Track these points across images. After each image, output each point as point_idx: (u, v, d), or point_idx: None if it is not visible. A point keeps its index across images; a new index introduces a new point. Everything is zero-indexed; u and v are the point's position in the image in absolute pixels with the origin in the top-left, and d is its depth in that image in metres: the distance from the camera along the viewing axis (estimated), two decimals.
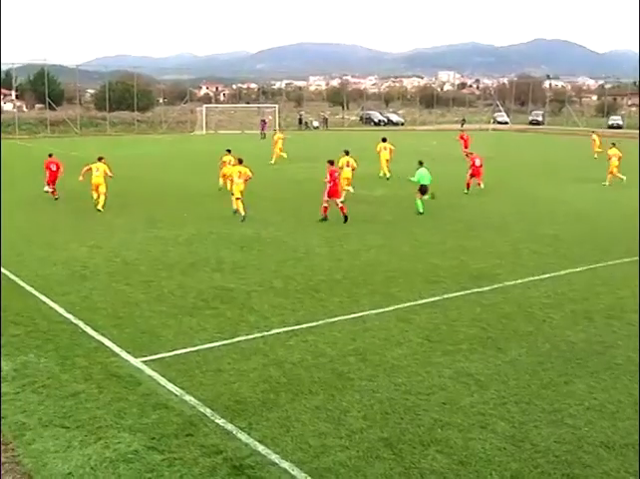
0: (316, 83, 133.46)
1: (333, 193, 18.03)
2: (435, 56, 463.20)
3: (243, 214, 17.89)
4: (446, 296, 11.43)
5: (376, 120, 77.82)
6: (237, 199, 18.23)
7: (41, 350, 8.95)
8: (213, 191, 23.22)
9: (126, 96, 69.45)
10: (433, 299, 11.25)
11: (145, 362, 8.51)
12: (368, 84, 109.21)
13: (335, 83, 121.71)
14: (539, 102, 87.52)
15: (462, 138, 37.94)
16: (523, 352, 9.00)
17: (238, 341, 9.21)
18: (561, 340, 9.46)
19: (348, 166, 21.72)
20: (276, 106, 71.45)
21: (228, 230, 16.73)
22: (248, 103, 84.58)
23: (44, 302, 10.98)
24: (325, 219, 18.02)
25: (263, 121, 59.17)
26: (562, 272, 13.12)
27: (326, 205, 18.09)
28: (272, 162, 32.91)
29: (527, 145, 50.57)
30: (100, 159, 20.54)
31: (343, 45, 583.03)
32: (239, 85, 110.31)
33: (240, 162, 18.59)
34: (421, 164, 19.80)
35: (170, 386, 7.82)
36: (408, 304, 10.95)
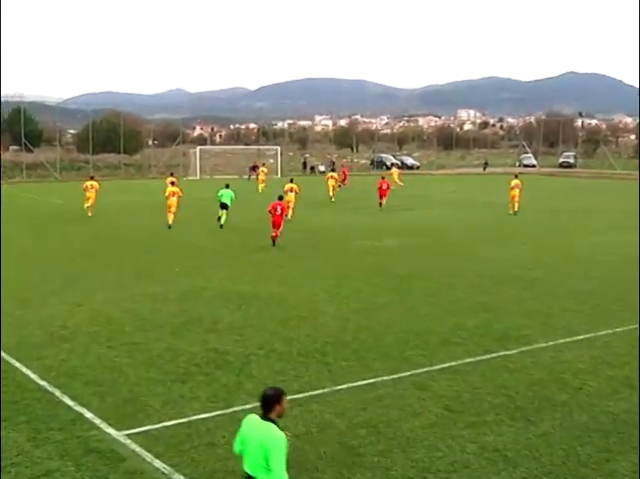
0: (322, 122, 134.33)
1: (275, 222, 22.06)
2: (453, 92, 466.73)
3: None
4: (467, 361, 11.17)
5: (388, 163, 77.98)
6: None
7: (11, 423, 8.79)
8: (207, 243, 23.35)
9: (111, 136, 69.80)
10: (453, 364, 11.02)
11: (129, 436, 8.36)
12: (379, 124, 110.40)
13: (343, 122, 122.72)
14: (571, 142, 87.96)
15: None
16: (557, 425, 8.82)
17: (234, 412, 9.00)
18: (600, 411, 9.28)
19: (292, 191, 28.92)
20: (278, 148, 71.55)
21: (224, 285, 16.59)
22: (247, 144, 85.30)
23: (16, 368, 10.82)
24: (274, 243, 21.95)
25: (254, 167, 59.69)
26: (599, 334, 12.89)
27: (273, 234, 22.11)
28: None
29: (558, 189, 50.54)
30: (92, 177, 31.00)
31: (352, 81, 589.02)
32: (237, 125, 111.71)
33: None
34: None
35: (158, 463, 7.66)
36: (425, 370, 10.74)
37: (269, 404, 5.58)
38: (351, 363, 11.03)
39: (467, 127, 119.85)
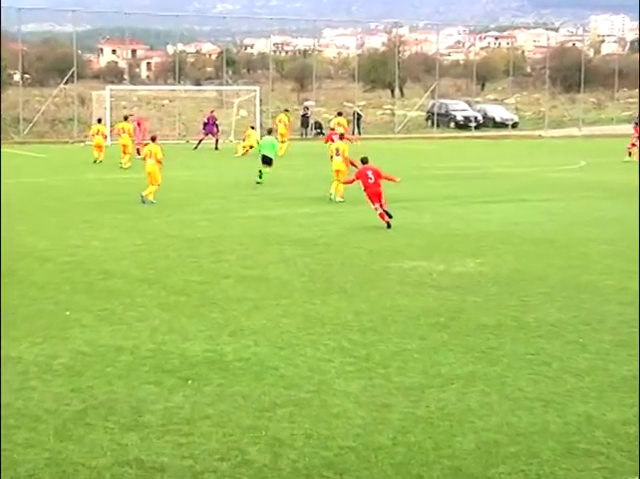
0: (337, 42, 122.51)
1: (374, 194, 24.31)
2: None
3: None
4: None
5: (460, 117, 70.27)
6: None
7: None
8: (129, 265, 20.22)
9: None
10: None
11: None
12: (444, 43, 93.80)
13: (376, 41, 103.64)
14: None
15: None
16: None
17: None
18: None
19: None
20: (256, 89, 62.72)
21: (157, 343, 13.41)
22: (199, 83, 79.34)
23: None
24: (389, 225, 24.08)
25: (210, 120, 52.69)
26: None
27: (378, 211, 24.32)
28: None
29: None
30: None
31: None
32: (181, 46, 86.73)
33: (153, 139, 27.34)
34: None
35: None
36: None
37: None
38: None
39: (606, 48, 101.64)
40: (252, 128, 49.90)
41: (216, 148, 53.01)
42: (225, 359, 13.06)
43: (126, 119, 45.51)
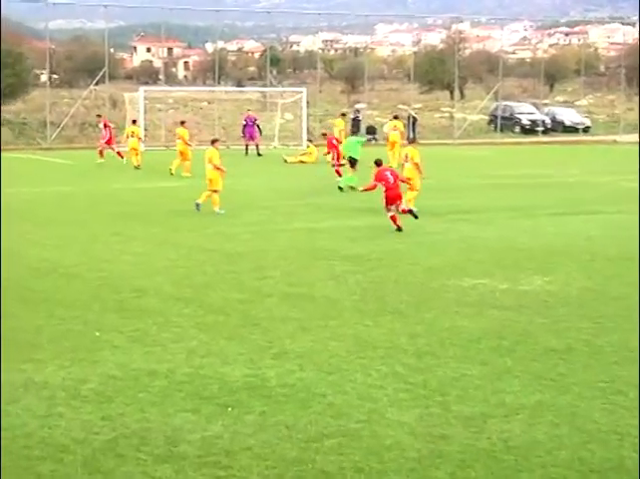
0: (391, 38, 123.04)
1: (394, 197, 25.61)
2: None
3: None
4: None
5: (526, 121, 70.05)
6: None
7: None
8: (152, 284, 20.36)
9: None
10: None
11: None
12: (508, 40, 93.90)
13: (435, 38, 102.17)
14: None
15: None
16: None
17: None
18: None
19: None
20: (303, 91, 63.75)
21: (194, 367, 13.53)
22: (241, 84, 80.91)
23: None
24: (399, 229, 25.41)
25: (249, 121, 53.18)
26: None
27: (392, 214, 25.46)
28: None
29: None
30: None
31: None
32: (221, 45, 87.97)
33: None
34: None
35: None
36: None
37: None
38: None
39: None
40: (310, 141, 50.42)
41: (258, 154, 53.15)
42: (268, 385, 13.19)
43: (134, 122, 46.94)
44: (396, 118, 48.83)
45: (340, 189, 34.82)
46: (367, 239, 25.71)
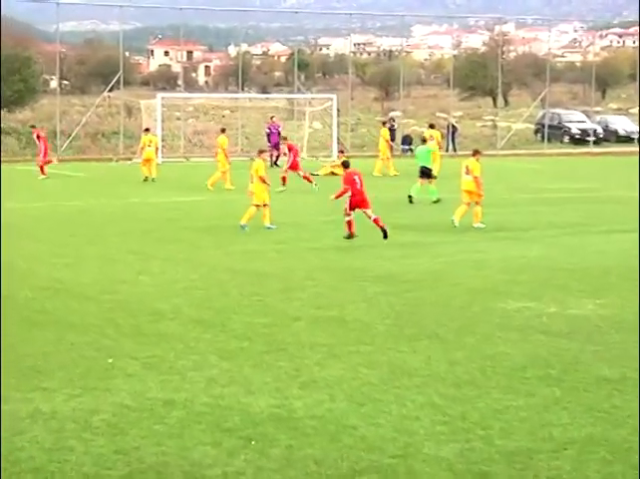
0: (429, 41, 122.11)
1: (357, 202, 26.78)
2: None
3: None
4: None
5: (575, 130, 69.70)
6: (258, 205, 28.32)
7: None
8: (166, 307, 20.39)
9: None
10: None
11: None
12: (557, 42, 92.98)
13: (477, 40, 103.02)
14: None
15: None
16: None
17: None
18: None
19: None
20: (333, 97, 63.82)
21: (215, 397, 13.55)
22: (267, 91, 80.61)
23: None
24: (350, 236, 26.84)
25: (273, 129, 53.43)
26: None
27: (349, 218, 26.64)
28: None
29: None
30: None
31: None
32: (245, 48, 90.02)
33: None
34: None
35: None
36: None
37: None
38: None
39: None
40: (342, 152, 50.97)
41: (275, 164, 52.53)
42: (295, 416, 13.11)
43: (147, 130, 47.37)
44: (432, 127, 48.86)
45: (410, 198, 35.63)
46: (401, 257, 25.63)
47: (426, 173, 35.14)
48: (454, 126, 67.36)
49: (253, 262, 24.69)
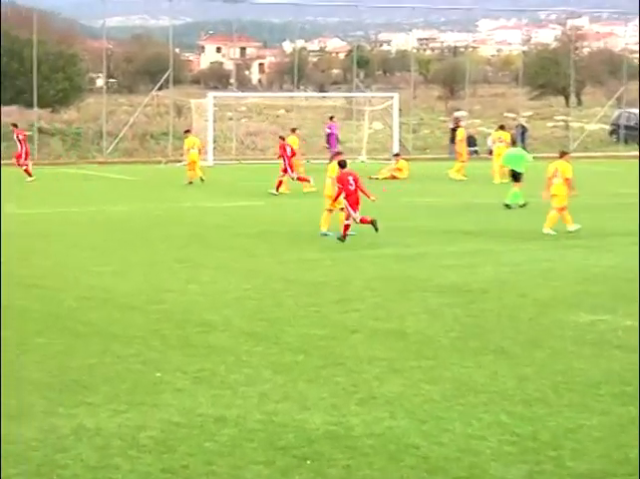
0: (497, 36, 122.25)
1: (352, 204, 27.87)
2: None
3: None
4: None
5: None
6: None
7: None
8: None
9: (11, 69, 61.68)
10: None
11: None
12: (634, 38, 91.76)
13: (547, 34, 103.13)
14: None
15: None
16: None
17: None
18: None
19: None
20: (394, 95, 63.98)
21: (268, 413, 13.45)
22: (324, 89, 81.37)
23: None
24: (375, 228, 28.34)
25: (333, 129, 55.04)
26: None
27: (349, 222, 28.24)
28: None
29: None
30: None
31: None
32: (301, 44, 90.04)
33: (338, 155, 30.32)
34: None
35: None
36: None
37: None
38: None
39: None
40: (397, 155, 51.20)
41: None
42: (353, 435, 12.99)
43: (188, 132, 48.01)
44: (502, 128, 48.78)
45: (507, 206, 35.58)
46: (466, 266, 25.50)
47: (517, 177, 35.29)
48: (523, 126, 67.02)
49: (309, 271, 24.69)
